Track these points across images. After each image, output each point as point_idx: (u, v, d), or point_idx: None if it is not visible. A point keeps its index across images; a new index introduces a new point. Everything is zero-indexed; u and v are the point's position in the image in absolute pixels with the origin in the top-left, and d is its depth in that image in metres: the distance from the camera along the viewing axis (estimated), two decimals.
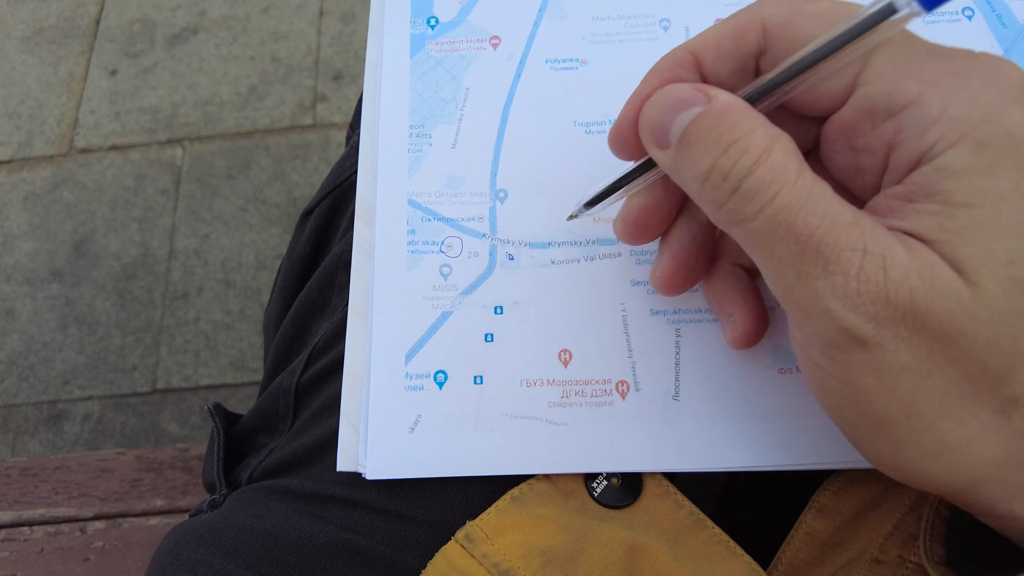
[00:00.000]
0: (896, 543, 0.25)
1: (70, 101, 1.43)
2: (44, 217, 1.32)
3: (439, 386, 0.28)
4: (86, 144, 1.38)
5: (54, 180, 1.35)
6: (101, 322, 1.23)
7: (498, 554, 0.25)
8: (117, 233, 1.30)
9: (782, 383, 0.28)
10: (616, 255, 0.30)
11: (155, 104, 1.41)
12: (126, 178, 1.35)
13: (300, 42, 1.45)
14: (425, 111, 0.31)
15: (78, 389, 1.19)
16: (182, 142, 1.37)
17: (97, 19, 1.51)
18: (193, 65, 1.44)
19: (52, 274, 1.27)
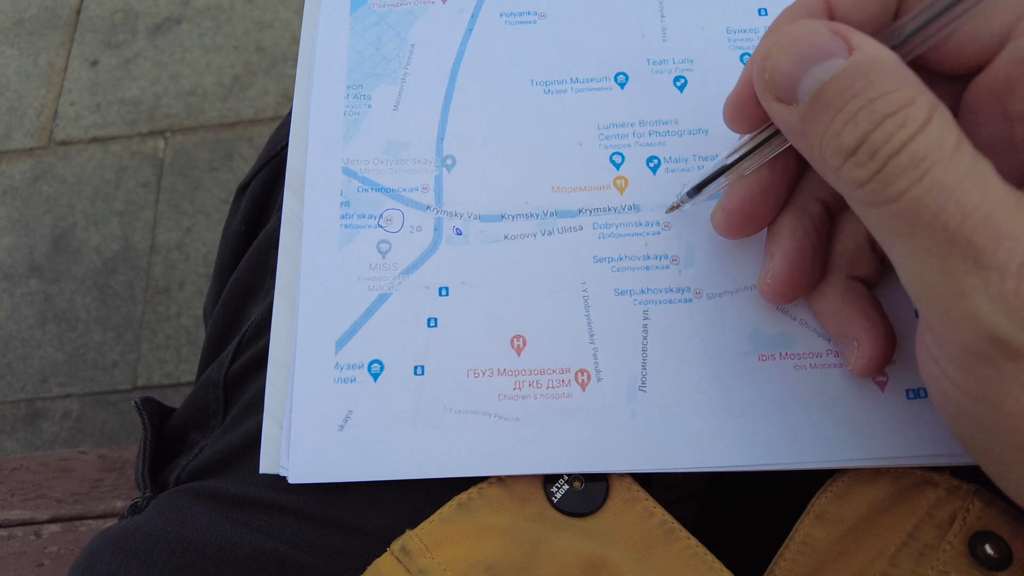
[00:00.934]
0: (910, 556, 0.22)
1: (50, 93, 1.40)
2: (23, 211, 1.29)
3: (374, 378, 0.25)
4: (66, 136, 1.35)
5: (33, 173, 1.32)
6: (81, 318, 1.20)
7: (437, 569, 0.22)
8: (97, 227, 1.26)
9: (763, 371, 0.24)
10: (577, 228, 0.26)
11: (137, 95, 1.38)
12: (107, 171, 1.31)
13: (285, 31, 1.41)
14: (365, 70, 0.28)
15: (57, 387, 1.16)
16: (164, 134, 1.34)
17: (78, 9, 1.48)
18: (176, 55, 1.41)
19: (31, 269, 1.24)
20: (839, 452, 0.24)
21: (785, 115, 0.19)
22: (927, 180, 0.16)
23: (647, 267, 0.26)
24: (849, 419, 0.24)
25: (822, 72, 0.17)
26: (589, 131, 0.27)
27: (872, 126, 0.16)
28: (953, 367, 0.17)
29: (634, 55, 0.28)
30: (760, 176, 0.22)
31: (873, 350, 0.22)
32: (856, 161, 0.17)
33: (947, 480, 0.23)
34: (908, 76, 0.17)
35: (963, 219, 0.15)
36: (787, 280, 0.23)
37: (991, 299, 0.15)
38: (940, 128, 0.16)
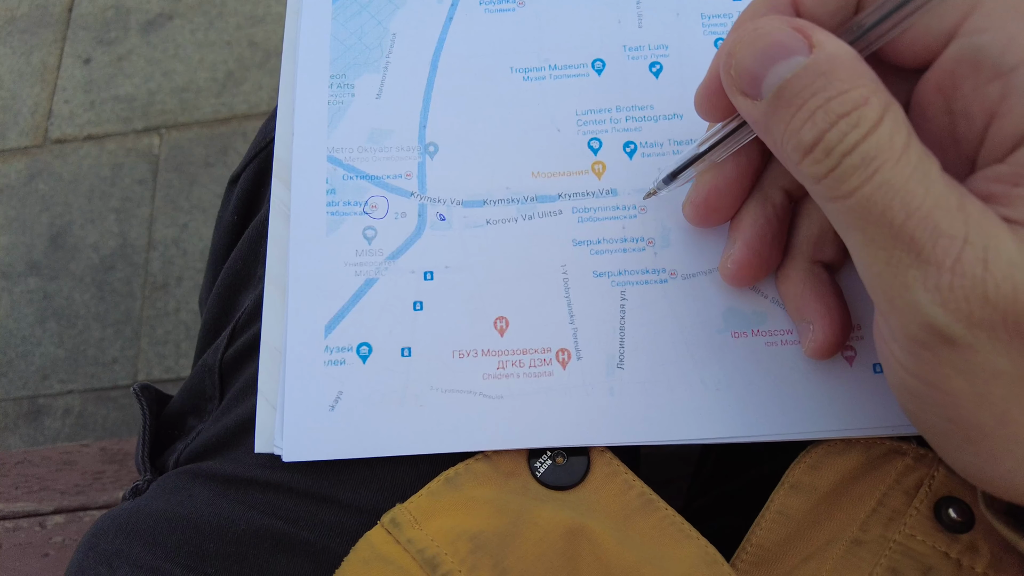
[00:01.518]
0: (879, 521, 0.23)
1: (44, 91, 1.40)
2: (19, 210, 1.30)
3: (363, 360, 0.26)
4: (61, 135, 1.35)
5: (29, 172, 1.33)
6: (80, 315, 1.21)
7: (424, 539, 0.23)
8: (94, 224, 1.27)
9: (736, 348, 0.25)
10: (557, 212, 0.27)
11: (131, 92, 1.38)
12: (102, 168, 1.32)
13: (277, 25, 1.41)
14: (348, 59, 0.29)
15: (58, 383, 1.17)
16: (159, 130, 1.35)
17: (69, 6, 1.48)
18: (169, 52, 1.41)
19: (29, 267, 1.25)
20: (810, 424, 0.25)
21: (750, 110, 0.19)
22: (876, 179, 0.17)
23: (624, 249, 0.27)
24: (819, 392, 0.25)
25: (784, 70, 0.18)
26: (567, 117, 0.28)
27: (828, 125, 0.17)
28: (900, 350, 0.18)
29: (610, 41, 0.29)
30: (724, 171, 0.23)
31: (825, 334, 0.23)
32: (813, 158, 0.18)
33: (914, 449, 0.24)
34: (864, 74, 0.17)
35: (907, 216, 0.16)
36: (746, 264, 0.24)
37: (929, 291, 0.16)
38: (890, 128, 0.17)
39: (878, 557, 0.23)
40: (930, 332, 0.17)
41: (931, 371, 0.18)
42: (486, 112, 0.28)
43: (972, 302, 0.16)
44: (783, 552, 0.24)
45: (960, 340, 0.17)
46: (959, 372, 0.17)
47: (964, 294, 0.16)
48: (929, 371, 0.18)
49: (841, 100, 0.17)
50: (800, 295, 0.24)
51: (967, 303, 0.16)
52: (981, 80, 0.18)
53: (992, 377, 0.17)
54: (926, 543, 0.23)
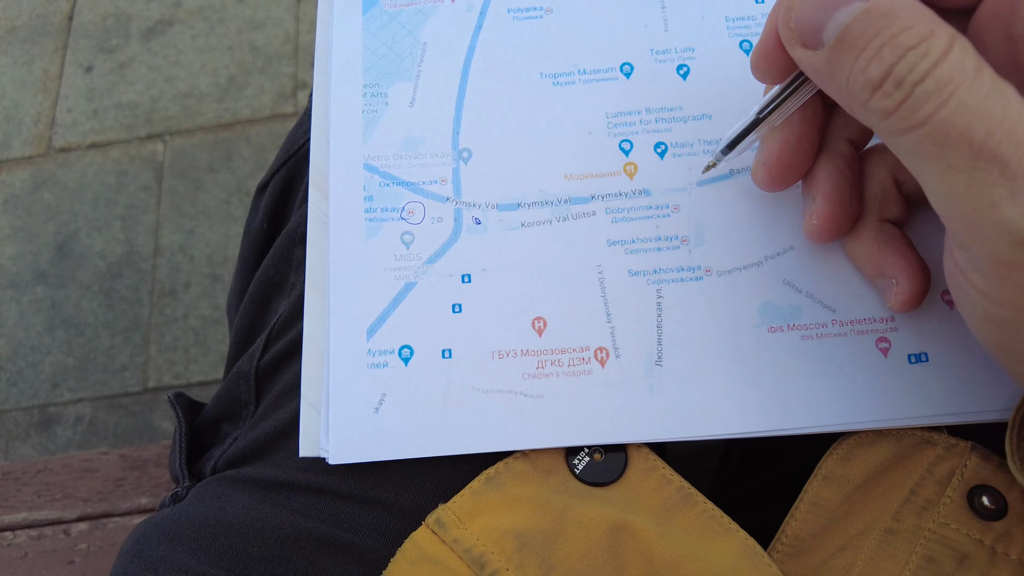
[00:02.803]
0: (912, 511, 0.24)
1: (46, 100, 1.40)
2: (25, 219, 1.30)
3: (404, 362, 0.26)
4: (65, 143, 1.35)
5: (34, 181, 1.33)
6: (88, 323, 1.21)
7: (471, 539, 0.24)
8: (100, 232, 1.27)
9: (773, 342, 0.26)
10: (591, 214, 0.28)
11: (133, 99, 1.38)
12: (107, 176, 1.32)
13: (278, 29, 1.42)
14: (380, 69, 0.29)
15: (68, 392, 1.17)
16: (162, 137, 1.35)
17: (70, 15, 1.48)
18: (170, 58, 1.41)
19: (36, 276, 1.25)
20: (846, 415, 0.25)
21: (812, 59, 0.20)
22: (952, 102, 0.17)
23: (659, 248, 0.27)
24: (856, 384, 0.25)
25: (844, 16, 0.18)
26: (598, 120, 0.29)
27: (896, 59, 0.17)
28: (982, 278, 0.18)
29: (638, 45, 0.29)
30: (792, 126, 0.23)
31: (912, 285, 0.24)
32: (884, 92, 0.18)
33: (945, 439, 0.25)
34: (925, 12, 0.18)
35: (988, 134, 0.16)
36: (831, 218, 0.24)
37: (1019, 204, 0.16)
38: (961, 55, 0.17)
39: (913, 546, 0.23)
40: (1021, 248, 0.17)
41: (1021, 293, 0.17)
42: (518, 117, 0.29)
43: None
44: (818, 543, 0.24)
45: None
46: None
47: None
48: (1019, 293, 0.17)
49: (908, 35, 0.17)
50: (877, 252, 0.24)
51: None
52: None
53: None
54: (960, 531, 0.23)
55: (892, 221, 0.25)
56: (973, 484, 0.24)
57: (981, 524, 0.23)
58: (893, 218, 0.25)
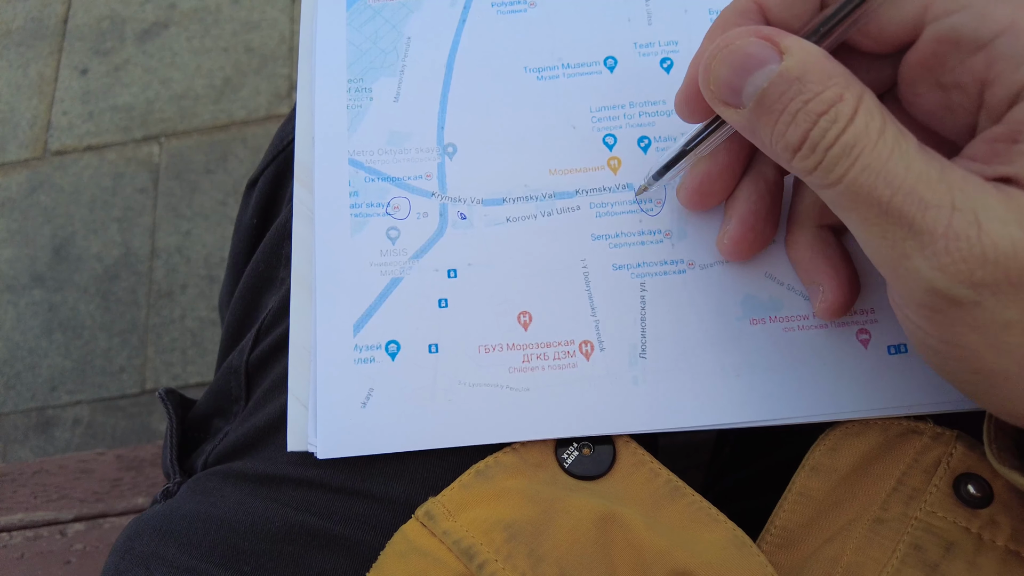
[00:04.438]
0: (899, 500, 0.24)
1: (42, 103, 1.40)
2: (22, 222, 1.30)
3: (391, 357, 0.26)
4: (61, 146, 1.35)
5: (30, 184, 1.33)
6: (86, 325, 1.21)
7: (460, 531, 0.24)
8: (97, 234, 1.27)
9: (755, 335, 0.26)
10: (575, 208, 0.28)
11: (129, 102, 1.38)
12: (103, 178, 1.32)
13: (273, 30, 1.42)
14: (364, 64, 0.29)
15: (66, 394, 1.17)
16: (158, 139, 1.35)
17: (65, 18, 1.48)
18: (165, 60, 1.42)
19: (33, 279, 1.25)
20: (828, 406, 0.25)
21: (735, 117, 0.21)
22: (858, 164, 0.18)
23: (642, 242, 0.27)
24: (837, 375, 0.25)
25: (759, 80, 0.19)
26: (582, 114, 0.29)
27: (810, 125, 0.18)
28: (914, 315, 0.19)
29: (621, 39, 0.29)
30: (717, 157, 0.24)
31: (835, 294, 0.24)
32: (802, 156, 0.19)
33: (931, 428, 0.25)
34: (834, 72, 0.19)
35: (892, 193, 0.18)
36: (742, 239, 0.25)
37: (927, 259, 0.17)
38: (865, 118, 0.18)
39: (900, 535, 0.23)
40: (936, 296, 0.18)
41: (946, 330, 0.19)
42: (502, 112, 0.29)
43: (971, 263, 0.17)
44: (806, 533, 0.24)
45: (966, 300, 0.17)
46: (972, 328, 0.18)
47: (962, 256, 0.17)
48: (944, 331, 0.19)
49: (818, 101, 0.18)
50: (809, 259, 0.25)
51: (966, 264, 0.17)
52: (964, 54, 0.19)
53: (1004, 328, 0.18)
54: (947, 519, 0.23)
55: (832, 227, 0.25)
56: (959, 472, 0.24)
57: (967, 512, 0.23)
58: (832, 224, 0.25)
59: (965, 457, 0.24)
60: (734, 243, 0.25)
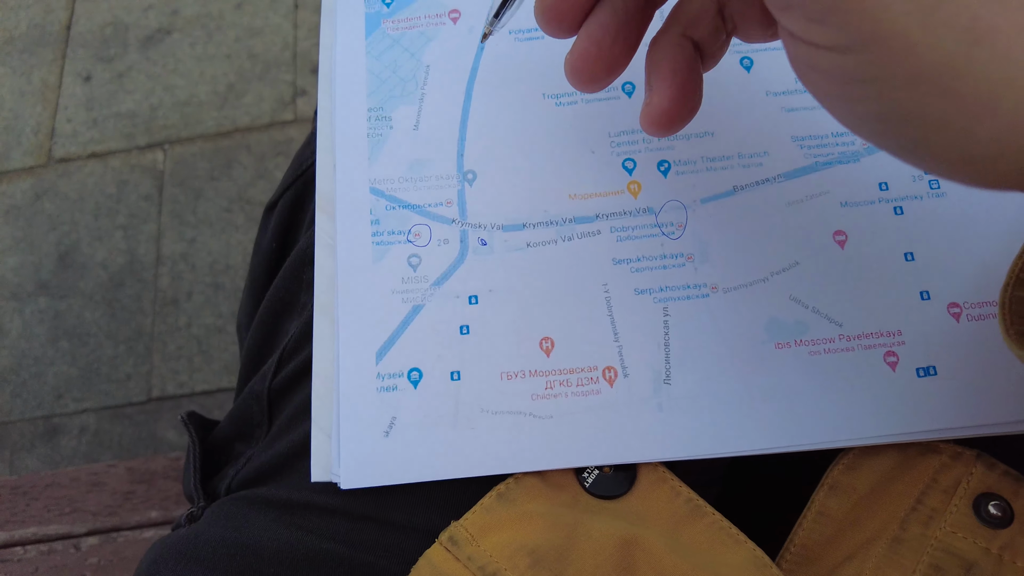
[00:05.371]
0: (918, 520, 0.24)
1: (46, 110, 1.40)
2: (27, 230, 1.30)
3: (414, 385, 0.26)
4: (65, 153, 1.36)
5: (34, 192, 1.33)
6: (91, 333, 1.21)
7: (484, 556, 0.24)
8: (102, 242, 1.28)
9: (780, 359, 0.26)
10: (595, 233, 0.28)
11: (132, 108, 1.39)
12: (108, 185, 1.32)
13: (276, 36, 1.42)
14: (384, 93, 0.30)
15: (72, 402, 1.18)
16: (162, 146, 1.35)
17: (68, 25, 1.48)
18: (168, 66, 1.42)
19: (39, 287, 1.26)
20: (856, 431, 0.25)
21: None
22: None
23: (664, 266, 0.27)
24: (864, 399, 0.26)
25: None
26: (601, 139, 0.29)
27: None
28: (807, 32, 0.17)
29: (639, 64, 0.29)
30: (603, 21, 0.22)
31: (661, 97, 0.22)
32: None
33: (950, 447, 0.25)
34: None
35: None
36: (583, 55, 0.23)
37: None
38: None
39: (920, 555, 0.24)
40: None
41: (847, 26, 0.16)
42: (521, 138, 0.29)
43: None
44: (825, 552, 0.25)
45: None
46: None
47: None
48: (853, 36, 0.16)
49: None
50: (658, 59, 0.23)
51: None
52: None
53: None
54: (967, 540, 0.23)
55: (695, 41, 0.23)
56: (979, 492, 0.24)
57: (987, 532, 0.23)
58: (698, 39, 0.23)
59: (985, 477, 0.24)
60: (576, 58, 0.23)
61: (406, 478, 0.26)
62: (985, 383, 0.26)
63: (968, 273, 0.27)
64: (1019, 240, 0.26)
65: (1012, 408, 0.25)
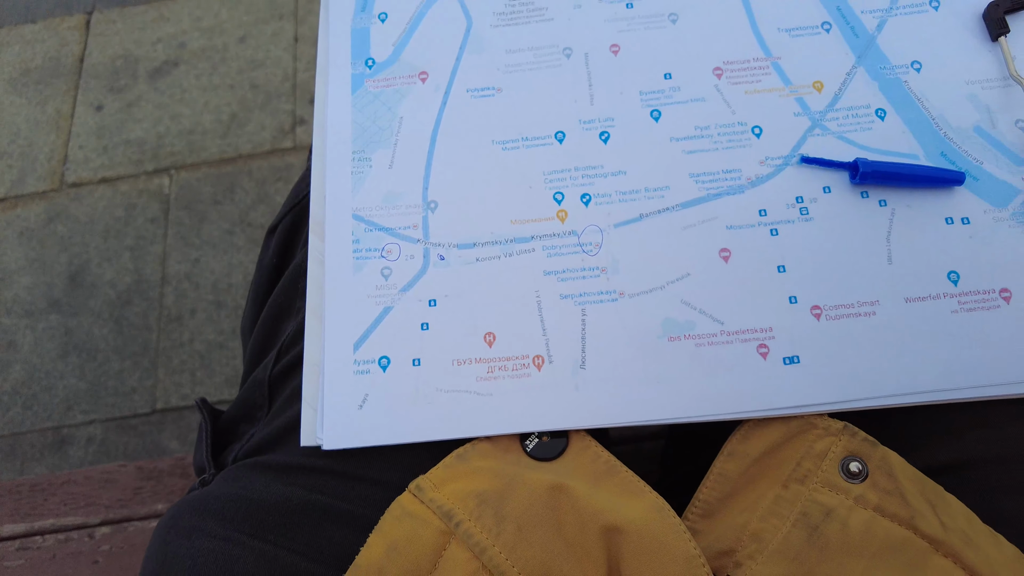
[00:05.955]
0: (796, 479, 0.30)
1: (59, 138, 1.48)
2: (39, 251, 1.37)
3: (383, 369, 0.33)
4: (76, 178, 1.43)
5: (47, 215, 1.40)
6: (100, 348, 1.27)
7: (442, 499, 0.30)
8: (111, 262, 1.34)
9: (673, 349, 0.33)
10: (531, 250, 0.35)
11: (141, 136, 1.46)
12: (116, 209, 1.39)
13: (277, 68, 1.50)
14: (365, 139, 0.37)
15: (80, 414, 1.23)
16: (168, 171, 1.42)
17: (81, 57, 1.56)
18: (175, 96, 1.49)
19: (50, 305, 1.32)
20: (733, 407, 0.32)
21: None
22: None
23: (583, 276, 0.34)
24: (740, 381, 0.32)
25: None
26: (537, 177, 0.36)
27: None
28: None
29: (569, 117, 0.37)
30: None
31: None
32: None
33: (824, 421, 0.31)
34: None
35: None
36: None
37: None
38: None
39: (794, 506, 0.29)
40: None
41: None
42: (474, 175, 0.36)
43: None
44: (724, 506, 0.31)
45: None
46: None
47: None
48: None
49: None
50: None
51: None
52: None
53: None
54: (828, 493, 0.29)
55: None
56: (843, 455, 0.30)
57: (847, 485, 0.29)
58: None
59: (849, 443, 0.30)
60: None
61: (375, 441, 0.32)
62: (840, 369, 0.32)
63: (829, 281, 0.33)
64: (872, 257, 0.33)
65: (861, 388, 0.31)
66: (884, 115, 0.36)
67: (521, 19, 0.39)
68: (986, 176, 0.35)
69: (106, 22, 1.61)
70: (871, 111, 0.36)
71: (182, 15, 1.60)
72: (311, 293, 0.35)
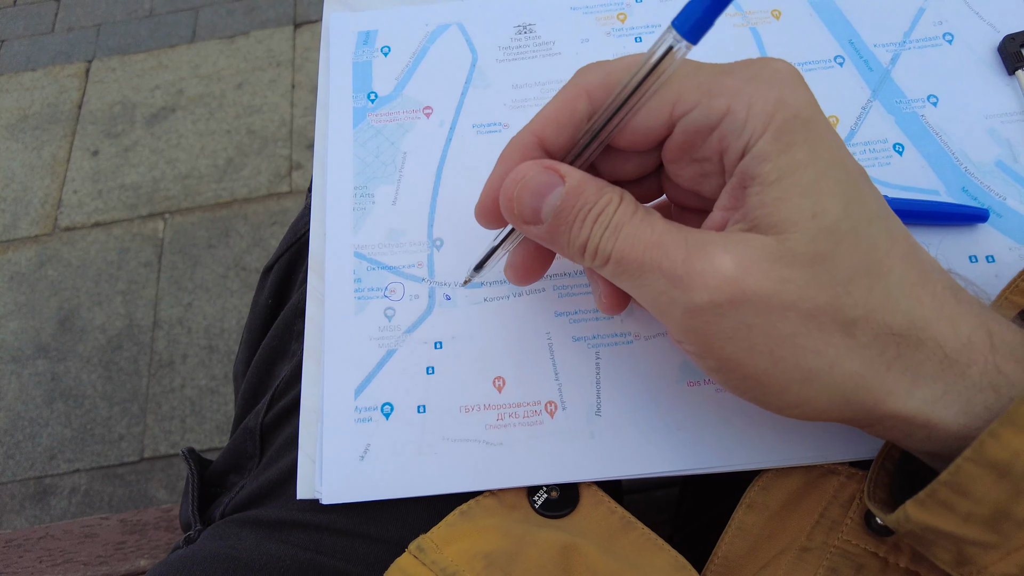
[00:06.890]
0: (822, 531, 0.28)
1: (54, 182, 1.47)
2: (29, 295, 1.35)
3: (386, 417, 0.31)
4: (70, 223, 1.42)
5: (39, 259, 1.39)
6: (87, 394, 1.24)
7: (446, 560, 0.28)
8: (102, 307, 1.32)
9: (691, 394, 0.31)
10: (541, 290, 0.33)
11: (136, 181, 1.46)
12: (109, 253, 1.38)
13: (274, 114, 1.51)
14: (368, 174, 0.36)
15: (64, 463, 1.20)
16: (163, 215, 1.42)
17: (79, 103, 1.57)
18: (172, 142, 1.50)
19: (38, 350, 1.29)
20: (754, 456, 0.30)
21: (534, 231, 0.26)
22: (621, 236, 0.24)
23: (596, 318, 0.33)
24: (761, 429, 0.30)
25: (553, 200, 0.25)
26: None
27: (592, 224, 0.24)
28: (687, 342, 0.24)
29: None
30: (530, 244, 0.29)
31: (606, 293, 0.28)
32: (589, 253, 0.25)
33: (847, 469, 0.29)
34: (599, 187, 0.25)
35: (644, 248, 0.23)
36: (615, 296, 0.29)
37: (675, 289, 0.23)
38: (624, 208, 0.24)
39: (821, 559, 0.28)
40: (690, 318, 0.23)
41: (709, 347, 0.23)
42: None
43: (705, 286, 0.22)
44: (744, 562, 0.29)
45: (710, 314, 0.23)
46: (727, 339, 0.23)
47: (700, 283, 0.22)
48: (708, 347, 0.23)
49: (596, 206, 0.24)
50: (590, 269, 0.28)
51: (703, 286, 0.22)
52: (704, 136, 0.25)
53: (748, 332, 0.22)
54: (859, 546, 0.28)
55: None
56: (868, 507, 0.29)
57: (875, 539, 0.28)
58: None
59: None
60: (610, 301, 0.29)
61: (378, 495, 0.30)
62: None
63: None
64: None
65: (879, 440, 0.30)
66: (902, 150, 0.35)
67: (527, 54, 0.38)
68: (1010, 212, 0.34)
69: (106, 69, 1.63)
70: (888, 146, 0.35)
71: (181, 63, 1.62)
72: (309, 335, 0.33)
